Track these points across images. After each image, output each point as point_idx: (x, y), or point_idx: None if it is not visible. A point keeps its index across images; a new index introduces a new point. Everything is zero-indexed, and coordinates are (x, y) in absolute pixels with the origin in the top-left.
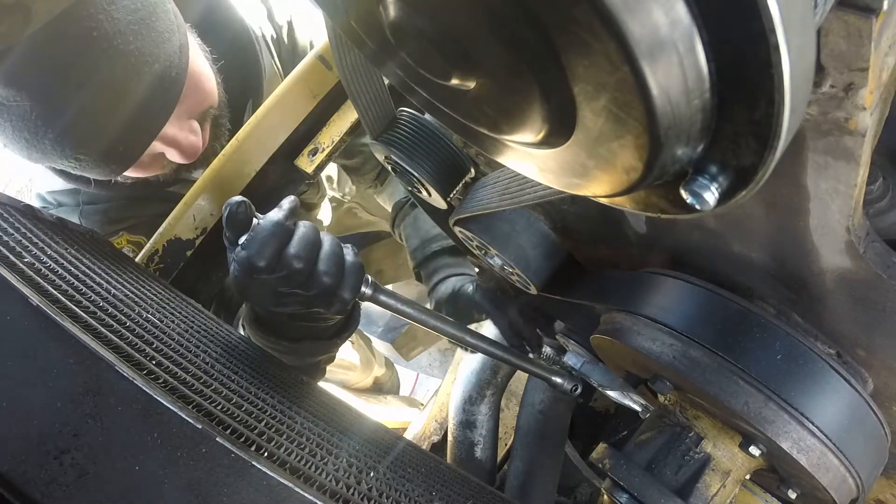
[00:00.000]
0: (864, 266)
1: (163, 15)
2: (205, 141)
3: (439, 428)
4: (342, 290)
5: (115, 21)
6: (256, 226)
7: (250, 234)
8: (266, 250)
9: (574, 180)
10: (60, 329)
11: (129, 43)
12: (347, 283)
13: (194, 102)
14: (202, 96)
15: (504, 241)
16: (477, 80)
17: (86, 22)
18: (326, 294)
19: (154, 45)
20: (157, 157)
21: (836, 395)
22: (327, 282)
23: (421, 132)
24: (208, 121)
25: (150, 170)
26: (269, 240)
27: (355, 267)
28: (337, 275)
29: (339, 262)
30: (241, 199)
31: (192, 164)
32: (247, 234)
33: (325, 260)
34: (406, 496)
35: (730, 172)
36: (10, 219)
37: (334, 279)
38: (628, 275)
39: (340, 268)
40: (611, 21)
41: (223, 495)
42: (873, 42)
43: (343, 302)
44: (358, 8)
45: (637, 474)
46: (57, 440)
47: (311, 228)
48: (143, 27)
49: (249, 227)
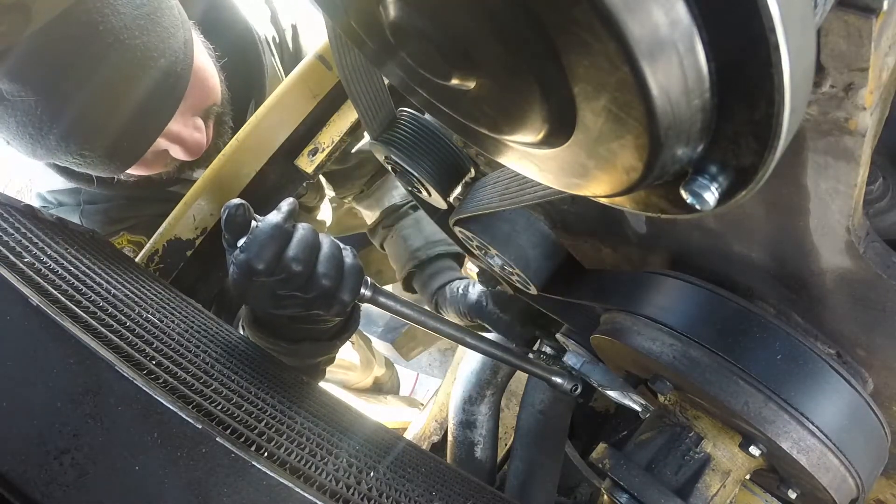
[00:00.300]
0: (864, 266)
1: (167, 10)
2: (208, 138)
3: (439, 428)
4: (341, 292)
5: (121, 16)
6: (255, 228)
7: (249, 237)
8: (265, 253)
9: (574, 180)
10: (60, 329)
11: (135, 38)
12: (347, 286)
13: (198, 99)
14: (206, 93)
15: (504, 241)
16: (477, 80)
17: (92, 16)
18: (326, 296)
19: (159, 39)
20: (160, 154)
21: (836, 395)
22: (326, 284)
23: (421, 132)
24: (212, 118)
25: (154, 167)
26: (267, 242)
27: (354, 269)
28: (336, 277)
29: (338, 265)
30: (240, 203)
31: (195, 163)
32: (245, 237)
33: (324, 262)
34: (406, 496)
35: (730, 172)
36: (10, 219)
37: (333, 282)
38: (628, 275)
39: (339, 270)
40: (611, 21)
41: (223, 495)
42: (873, 42)
43: (342, 304)
44: (358, 8)
45: (637, 474)
46: (57, 440)
47: (309, 231)
48: (148, 22)
49: (248, 229)
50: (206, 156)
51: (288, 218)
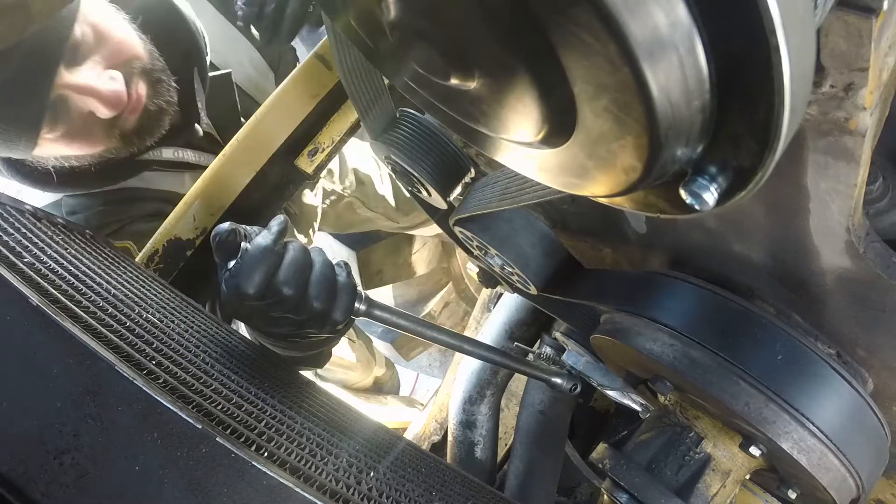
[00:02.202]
0: (864, 266)
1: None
2: (139, 95)
3: (439, 428)
4: (334, 312)
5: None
6: (244, 252)
7: (238, 261)
8: (254, 278)
9: (574, 180)
10: (60, 329)
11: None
12: (339, 305)
13: (108, 53)
14: (115, 47)
15: (504, 241)
16: (477, 79)
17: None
18: (318, 318)
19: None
20: (87, 118)
21: (836, 395)
22: (318, 307)
23: (421, 132)
24: (137, 75)
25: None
26: (257, 267)
27: (347, 288)
28: (328, 299)
29: (330, 286)
30: (229, 228)
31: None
32: (235, 260)
33: (315, 284)
34: (406, 496)
35: (729, 173)
36: (10, 219)
37: (325, 304)
38: (628, 275)
39: (332, 291)
40: (611, 22)
41: (223, 495)
42: (873, 42)
43: (334, 324)
44: (358, 8)
45: (637, 474)
46: (57, 440)
47: (300, 251)
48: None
49: (238, 251)
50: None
51: (278, 239)
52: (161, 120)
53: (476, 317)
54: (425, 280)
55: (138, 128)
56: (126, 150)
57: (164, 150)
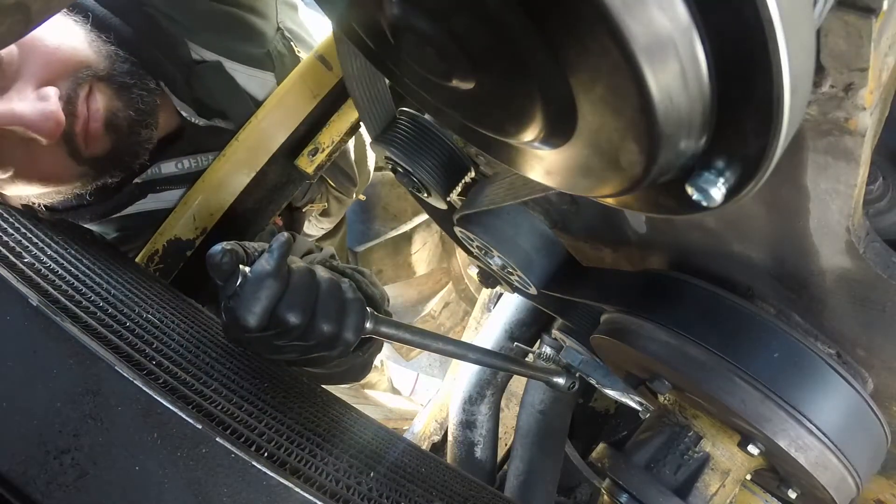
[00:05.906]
0: (864, 266)
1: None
2: (95, 109)
3: (439, 428)
4: (344, 332)
5: None
6: (244, 280)
7: (237, 290)
8: (256, 308)
9: (577, 180)
10: (60, 329)
11: None
12: (350, 325)
13: (38, 68)
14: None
15: (505, 242)
16: (476, 80)
17: None
18: (328, 341)
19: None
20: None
21: (835, 394)
22: (328, 330)
23: (421, 132)
24: (88, 84)
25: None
26: (259, 296)
27: (356, 305)
28: (337, 320)
29: (339, 305)
30: (222, 250)
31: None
32: (235, 287)
33: (323, 306)
34: (406, 496)
35: (729, 174)
36: (10, 219)
37: (335, 326)
38: (628, 274)
39: (341, 312)
40: (610, 21)
41: (223, 495)
42: (873, 42)
43: (347, 344)
44: (358, 9)
45: (636, 474)
46: (57, 440)
47: (305, 274)
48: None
49: (237, 275)
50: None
51: (280, 262)
52: (137, 133)
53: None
54: (425, 280)
55: (111, 149)
56: (108, 175)
57: (163, 164)
